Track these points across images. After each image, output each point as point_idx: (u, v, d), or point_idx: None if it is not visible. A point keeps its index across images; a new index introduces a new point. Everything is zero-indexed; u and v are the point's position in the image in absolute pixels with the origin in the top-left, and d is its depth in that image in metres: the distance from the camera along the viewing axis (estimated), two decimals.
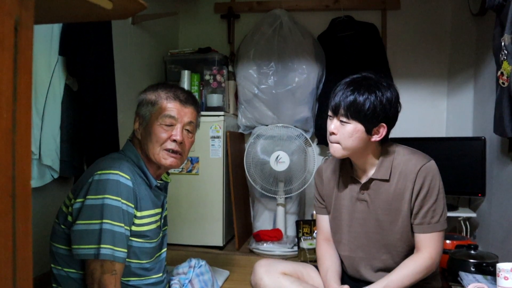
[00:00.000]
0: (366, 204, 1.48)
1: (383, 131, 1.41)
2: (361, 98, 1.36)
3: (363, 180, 1.49)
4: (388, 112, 1.39)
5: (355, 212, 1.51)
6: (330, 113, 1.45)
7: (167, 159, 1.41)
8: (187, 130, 1.46)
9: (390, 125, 1.43)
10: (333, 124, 1.42)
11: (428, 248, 1.40)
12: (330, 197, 1.59)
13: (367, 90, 1.37)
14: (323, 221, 1.63)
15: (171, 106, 1.42)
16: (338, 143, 1.42)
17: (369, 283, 1.44)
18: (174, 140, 1.40)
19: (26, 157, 0.55)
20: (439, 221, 1.40)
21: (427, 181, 1.39)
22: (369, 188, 1.47)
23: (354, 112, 1.37)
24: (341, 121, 1.40)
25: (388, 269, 1.45)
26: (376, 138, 1.41)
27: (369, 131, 1.39)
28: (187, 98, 1.46)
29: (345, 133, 1.39)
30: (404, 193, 1.41)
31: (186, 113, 1.44)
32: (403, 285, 1.37)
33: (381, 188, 1.45)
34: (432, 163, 1.42)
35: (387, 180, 1.43)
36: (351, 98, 1.37)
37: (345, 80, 1.45)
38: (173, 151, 1.41)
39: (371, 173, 1.47)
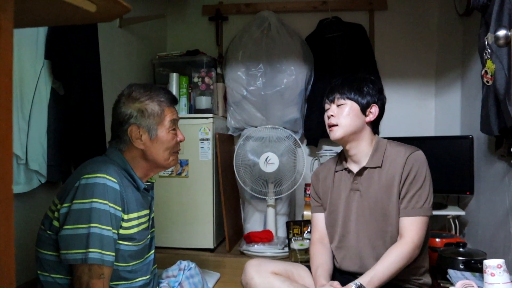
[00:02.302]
0: (360, 193, 1.56)
1: (375, 111, 1.61)
2: (353, 84, 1.60)
3: (356, 169, 1.59)
4: (378, 95, 1.61)
5: (350, 202, 1.58)
6: (327, 105, 1.63)
7: (175, 160, 1.49)
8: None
9: (380, 108, 1.62)
10: (331, 110, 1.60)
11: (410, 232, 1.46)
12: (326, 194, 1.67)
13: (357, 80, 1.62)
14: (319, 220, 1.70)
15: (172, 110, 1.47)
16: (336, 125, 1.57)
17: (361, 273, 1.45)
18: (179, 141, 1.48)
19: (8, 161, 0.54)
20: (422, 207, 1.48)
21: (414, 168, 1.50)
22: (362, 177, 1.57)
23: (348, 92, 1.58)
24: (338, 105, 1.59)
25: (381, 256, 1.48)
26: (370, 118, 1.60)
27: (363, 111, 1.59)
28: (174, 96, 1.51)
29: (343, 113, 1.57)
30: (393, 179, 1.51)
31: (176, 110, 1.51)
32: (389, 273, 1.41)
33: (373, 177, 1.55)
34: (420, 152, 1.56)
35: (380, 167, 1.55)
36: (345, 85, 1.60)
37: (335, 80, 1.67)
38: (178, 151, 1.50)
39: (363, 163, 1.58)
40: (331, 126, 1.59)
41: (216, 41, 3.28)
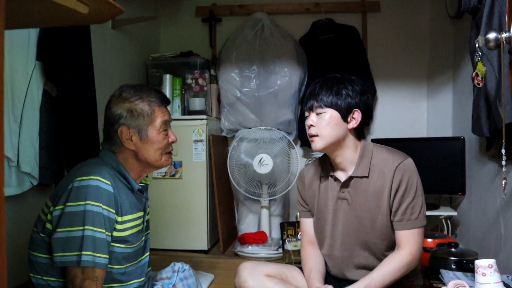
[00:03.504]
0: (347, 202, 1.51)
1: (358, 116, 1.49)
2: (332, 88, 1.48)
3: (343, 178, 1.52)
4: (360, 97, 1.49)
5: (337, 211, 1.53)
6: (306, 112, 1.53)
7: (168, 160, 1.48)
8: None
9: (364, 112, 1.50)
10: (310, 119, 1.50)
11: (408, 245, 1.43)
12: (313, 199, 1.62)
13: (335, 82, 1.50)
14: (307, 225, 1.66)
15: (164, 111, 1.45)
16: (317, 135, 1.48)
17: (353, 281, 1.45)
18: (171, 142, 1.47)
19: None
20: (418, 218, 1.43)
21: (405, 178, 1.43)
22: (349, 186, 1.51)
23: (327, 100, 1.47)
24: (317, 114, 1.48)
25: (370, 267, 1.47)
26: (352, 125, 1.49)
27: (344, 118, 1.47)
28: (166, 97, 1.50)
29: (322, 122, 1.47)
30: (382, 191, 1.45)
31: (168, 111, 1.49)
32: (384, 282, 1.39)
33: (361, 186, 1.48)
34: (410, 160, 1.47)
35: (366, 177, 1.47)
36: (322, 90, 1.49)
37: (313, 83, 1.56)
38: (171, 152, 1.49)
39: (350, 171, 1.51)
40: (311, 136, 1.50)
41: (210, 42, 3.28)
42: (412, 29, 3.08)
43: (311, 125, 1.49)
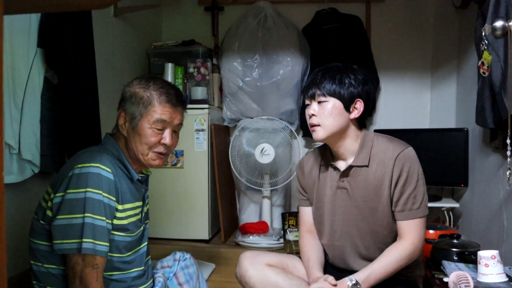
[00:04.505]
0: (346, 191, 1.50)
1: (360, 106, 1.46)
2: (334, 77, 1.44)
3: (343, 167, 1.50)
4: (362, 86, 1.46)
5: (336, 201, 1.52)
6: (307, 101, 1.50)
7: (155, 160, 1.40)
8: (174, 131, 1.44)
9: (366, 102, 1.48)
10: (311, 108, 1.47)
11: (410, 235, 1.41)
12: (312, 188, 1.60)
13: (337, 71, 1.46)
14: (306, 213, 1.65)
15: (164, 110, 1.37)
16: (318, 125, 1.45)
17: (354, 271, 1.45)
18: (164, 144, 1.38)
19: None
20: (420, 207, 1.42)
21: (405, 168, 1.41)
22: (349, 176, 1.49)
23: (330, 89, 1.43)
24: (319, 102, 1.45)
25: (372, 257, 1.46)
26: (355, 115, 1.46)
27: (347, 107, 1.44)
28: (178, 100, 1.41)
29: (325, 111, 1.44)
30: (383, 180, 1.43)
31: (177, 116, 1.41)
32: (386, 272, 1.39)
33: (360, 175, 1.47)
34: (410, 149, 1.44)
35: (366, 166, 1.45)
36: (325, 78, 1.45)
37: (315, 72, 1.52)
38: (162, 153, 1.40)
39: (350, 160, 1.49)
40: (313, 126, 1.47)
41: (212, 31, 3.26)
42: (416, 19, 3.05)
43: (313, 115, 1.46)
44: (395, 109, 3.07)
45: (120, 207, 1.33)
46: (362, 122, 1.53)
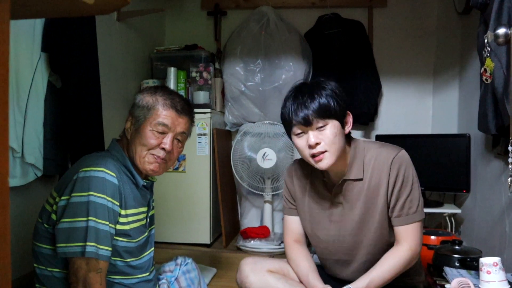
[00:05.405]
0: (342, 206, 1.46)
1: (349, 119, 1.41)
2: (321, 97, 1.33)
3: (336, 182, 1.45)
4: (344, 98, 1.37)
5: (331, 216, 1.48)
6: (299, 129, 1.36)
7: (151, 164, 1.39)
8: (178, 139, 1.44)
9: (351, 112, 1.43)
10: (311, 137, 1.34)
11: (407, 240, 1.39)
12: (302, 200, 1.55)
13: (314, 90, 1.35)
14: (293, 222, 1.59)
15: (166, 114, 1.39)
16: (325, 150, 1.34)
17: (349, 282, 1.43)
18: (163, 148, 1.39)
19: (3, 153, 0.54)
20: (416, 211, 1.39)
21: (401, 172, 1.38)
22: (343, 190, 1.44)
23: (326, 111, 1.32)
24: (318, 128, 1.34)
25: (367, 268, 1.44)
26: (348, 128, 1.41)
27: (342, 125, 1.38)
28: (184, 108, 1.43)
29: (329, 136, 1.33)
30: (379, 188, 1.40)
31: (180, 123, 1.42)
32: (385, 279, 1.37)
33: (355, 188, 1.42)
34: (403, 152, 1.41)
35: (361, 179, 1.41)
36: (313, 102, 1.33)
37: (288, 97, 1.42)
38: (159, 158, 1.40)
39: (342, 174, 1.43)
40: (319, 154, 1.34)
41: (215, 36, 3.27)
42: (419, 24, 3.06)
43: (317, 144, 1.33)
44: (397, 114, 3.07)
45: (123, 212, 1.33)
46: (349, 133, 1.46)
